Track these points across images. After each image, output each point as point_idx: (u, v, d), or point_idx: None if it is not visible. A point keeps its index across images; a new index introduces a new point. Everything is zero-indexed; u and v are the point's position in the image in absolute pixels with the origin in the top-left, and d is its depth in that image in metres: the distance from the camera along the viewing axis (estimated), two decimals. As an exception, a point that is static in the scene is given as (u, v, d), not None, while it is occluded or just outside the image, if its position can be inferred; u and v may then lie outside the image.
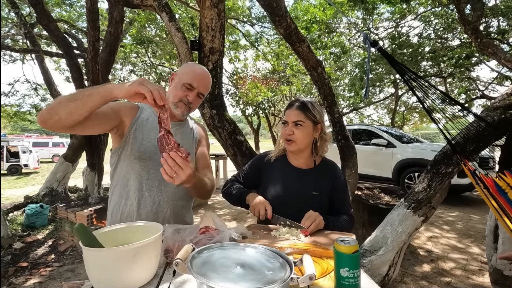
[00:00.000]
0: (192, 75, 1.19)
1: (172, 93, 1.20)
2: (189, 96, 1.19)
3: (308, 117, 1.23)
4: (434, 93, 1.58)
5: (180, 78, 1.20)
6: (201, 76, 1.20)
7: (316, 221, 1.08)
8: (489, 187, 1.29)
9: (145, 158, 1.16)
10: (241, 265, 0.67)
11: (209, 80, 1.24)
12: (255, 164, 1.40)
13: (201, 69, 1.23)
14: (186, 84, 1.18)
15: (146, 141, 1.17)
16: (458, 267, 2.97)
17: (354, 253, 0.69)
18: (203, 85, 1.21)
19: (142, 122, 1.19)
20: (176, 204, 1.23)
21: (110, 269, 0.70)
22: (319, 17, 7.12)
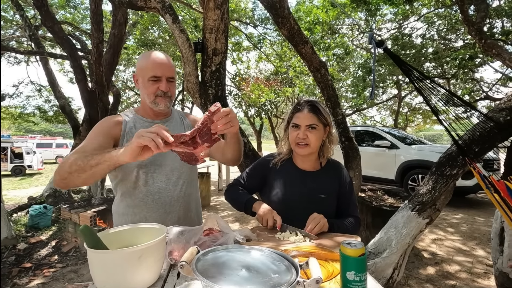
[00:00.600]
0: (151, 66, 1.14)
1: (145, 93, 1.17)
2: (161, 87, 1.15)
3: (321, 120, 1.21)
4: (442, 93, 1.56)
5: (143, 76, 1.16)
6: (159, 62, 1.15)
7: (320, 223, 1.07)
8: (501, 190, 1.26)
9: (146, 164, 1.16)
10: (247, 267, 0.66)
11: (169, 62, 1.18)
12: (259, 168, 1.37)
13: (156, 56, 1.17)
14: (151, 78, 1.14)
15: None
16: (463, 270, 2.94)
17: (361, 256, 0.68)
18: (166, 70, 1.16)
19: (131, 131, 1.17)
20: (186, 200, 1.25)
21: (115, 271, 0.70)
22: (322, 19, 7.12)
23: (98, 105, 4.25)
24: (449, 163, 2.00)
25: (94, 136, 1.10)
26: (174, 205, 1.21)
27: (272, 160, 1.34)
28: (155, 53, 1.19)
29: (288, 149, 1.33)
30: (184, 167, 1.25)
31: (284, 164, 1.32)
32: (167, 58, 1.19)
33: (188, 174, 1.27)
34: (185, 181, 1.26)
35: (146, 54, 1.20)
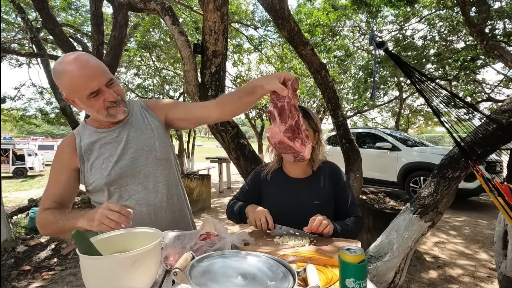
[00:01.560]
0: (80, 83, 0.94)
1: (93, 112, 1.02)
2: (106, 97, 0.99)
3: (311, 125, 1.21)
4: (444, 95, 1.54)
5: (78, 97, 0.97)
6: (87, 74, 0.94)
7: (324, 221, 1.03)
8: (505, 194, 1.24)
9: (114, 179, 1.06)
10: (243, 274, 0.64)
11: (94, 65, 0.97)
12: (252, 182, 1.35)
13: (77, 67, 0.93)
14: (90, 95, 0.96)
15: (105, 163, 1.06)
16: (466, 273, 2.90)
17: (361, 263, 0.66)
18: (99, 76, 0.97)
19: (90, 148, 1.07)
20: (170, 203, 1.15)
21: (108, 277, 0.68)
22: (323, 21, 7.11)
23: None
24: (451, 166, 1.97)
25: (57, 175, 1.06)
26: (159, 213, 1.11)
27: (262, 172, 1.32)
28: (71, 63, 0.94)
29: (277, 158, 1.31)
30: (159, 169, 1.13)
31: (274, 174, 1.30)
32: (88, 60, 0.97)
33: (166, 176, 1.15)
34: (165, 184, 1.14)
35: (62, 69, 0.94)
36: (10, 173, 13.44)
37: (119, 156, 1.07)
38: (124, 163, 1.07)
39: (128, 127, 1.12)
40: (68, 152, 1.07)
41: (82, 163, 1.07)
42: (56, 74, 0.97)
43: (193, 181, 5.67)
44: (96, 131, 1.10)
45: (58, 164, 1.08)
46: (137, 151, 1.10)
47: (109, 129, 1.10)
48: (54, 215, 1.00)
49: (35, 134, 32.90)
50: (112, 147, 1.08)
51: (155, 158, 1.13)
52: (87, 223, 0.88)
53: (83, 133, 1.10)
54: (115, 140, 1.09)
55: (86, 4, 7.82)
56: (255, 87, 0.96)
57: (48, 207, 1.05)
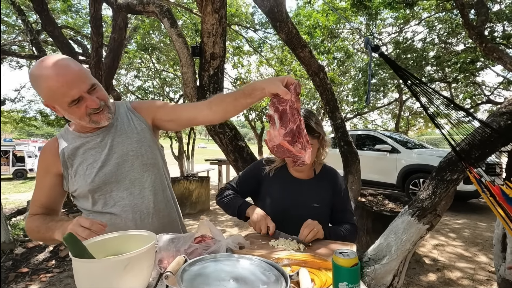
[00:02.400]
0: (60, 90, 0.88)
1: (76, 119, 0.97)
2: (89, 104, 0.94)
3: (315, 137, 1.19)
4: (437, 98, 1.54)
5: (59, 104, 0.92)
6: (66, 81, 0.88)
7: (314, 230, 1.05)
8: (496, 195, 1.24)
9: (99, 185, 1.03)
10: (235, 278, 0.64)
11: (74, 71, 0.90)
12: (252, 173, 1.34)
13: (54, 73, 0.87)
14: (71, 103, 0.91)
15: (88, 169, 1.03)
16: (465, 276, 2.89)
17: (354, 267, 0.65)
18: (79, 83, 0.90)
19: (73, 154, 1.03)
20: (157, 209, 1.12)
21: (100, 280, 0.68)
22: (322, 23, 7.13)
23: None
24: (449, 168, 1.97)
25: (41, 179, 1.05)
26: (145, 219, 1.08)
27: (265, 168, 1.31)
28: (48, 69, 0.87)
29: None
30: (145, 175, 1.10)
31: (277, 172, 1.30)
32: (67, 66, 0.90)
33: (153, 181, 1.11)
34: (152, 189, 1.11)
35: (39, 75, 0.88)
36: (10, 174, 13.44)
37: (103, 162, 1.04)
38: (108, 169, 1.04)
39: (112, 131, 1.08)
40: (50, 157, 1.04)
41: (65, 169, 1.03)
42: (33, 78, 0.90)
43: (193, 183, 5.66)
44: (79, 135, 1.05)
45: (41, 169, 1.05)
46: (122, 156, 1.06)
47: (93, 133, 1.06)
48: (37, 223, 1.01)
49: (35, 135, 32.93)
50: (96, 153, 1.05)
51: (141, 163, 1.09)
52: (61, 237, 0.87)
53: (66, 137, 1.06)
54: (99, 145, 1.05)
55: (86, 7, 7.86)
56: (254, 90, 0.94)
57: (35, 213, 1.04)
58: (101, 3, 3.42)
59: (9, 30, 7.69)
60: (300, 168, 1.24)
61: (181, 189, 5.52)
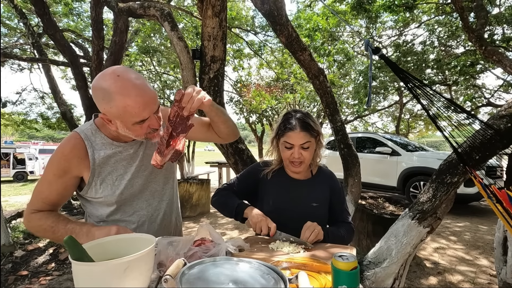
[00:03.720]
0: (134, 111, 0.87)
1: (131, 134, 0.95)
2: (151, 124, 0.94)
3: (313, 135, 1.19)
4: (439, 100, 1.55)
5: (123, 120, 0.89)
6: (142, 102, 0.87)
7: (315, 231, 1.05)
8: (503, 200, 1.23)
9: (126, 197, 1.04)
10: (234, 281, 0.64)
11: (150, 92, 0.90)
12: (250, 176, 1.35)
13: (134, 94, 0.85)
14: (137, 122, 0.90)
15: (118, 180, 1.03)
16: (466, 280, 2.88)
17: (353, 270, 0.65)
18: (152, 105, 0.90)
19: (104, 162, 1.01)
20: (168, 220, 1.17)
21: (99, 284, 0.68)
22: (322, 26, 7.16)
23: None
24: (450, 171, 1.96)
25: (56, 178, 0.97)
26: (158, 230, 1.12)
27: (263, 170, 1.32)
28: (129, 86, 0.86)
29: (278, 159, 1.31)
30: (165, 187, 1.14)
31: (275, 174, 1.30)
32: (145, 86, 0.89)
33: (170, 193, 1.17)
34: (168, 202, 1.16)
35: (117, 89, 0.84)
36: (11, 177, 13.45)
37: (133, 174, 1.05)
38: (137, 182, 1.06)
39: (144, 143, 1.09)
40: (75, 159, 0.97)
41: (92, 176, 0.99)
42: (105, 93, 0.85)
43: (193, 185, 5.66)
44: (111, 143, 1.02)
45: (59, 169, 0.97)
46: (148, 168, 1.09)
47: (126, 143, 1.05)
48: (49, 222, 0.96)
49: (36, 138, 32.98)
50: (127, 164, 1.05)
51: (164, 176, 1.14)
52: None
53: (94, 140, 1.00)
54: (131, 156, 1.05)
55: (87, 10, 7.90)
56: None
57: (39, 209, 0.99)
58: (102, 7, 3.44)
59: (10, 33, 7.73)
60: (296, 169, 1.24)
61: (181, 192, 5.52)
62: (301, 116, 1.20)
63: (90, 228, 0.93)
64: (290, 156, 1.19)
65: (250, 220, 1.15)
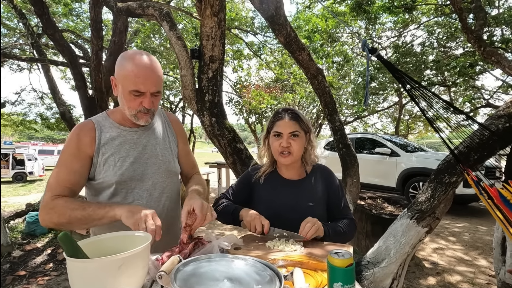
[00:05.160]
0: (134, 77, 0.98)
1: (125, 104, 1.04)
2: (144, 103, 1.02)
3: (302, 127, 1.20)
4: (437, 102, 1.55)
5: (124, 85, 1.01)
6: (144, 75, 0.99)
7: (315, 226, 1.03)
8: (493, 197, 1.24)
9: (125, 180, 1.06)
10: (229, 278, 0.64)
11: (156, 73, 1.02)
12: (244, 182, 1.34)
13: (142, 65, 0.99)
14: (133, 92, 1.00)
15: (120, 161, 1.06)
16: (465, 280, 2.87)
17: (348, 267, 0.65)
18: (152, 84, 1.01)
19: (108, 143, 1.06)
20: (168, 215, 1.17)
21: (94, 280, 0.68)
22: (321, 27, 7.17)
23: (98, 112, 4.26)
24: (448, 171, 1.97)
25: (72, 159, 1.02)
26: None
27: (254, 175, 1.31)
28: (141, 59, 1.00)
29: (270, 161, 1.30)
30: (167, 181, 1.17)
31: (268, 176, 1.29)
32: (154, 68, 1.02)
33: (171, 188, 1.20)
34: (168, 196, 1.18)
35: (130, 57, 1.00)
36: (10, 177, 13.43)
37: (135, 158, 1.09)
38: (138, 166, 1.09)
39: (149, 132, 1.15)
40: (87, 138, 1.04)
41: (96, 156, 1.04)
42: (121, 59, 1.02)
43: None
44: (118, 127, 1.10)
45: (74, 148, 1.02)
46: (152, 157, 1.13)
47: (132, 129, 1.12)
48: (77, 202, 0.97)
49: (35, 139, 32.95)
50: (130, 148, 1.09)
51: (166, 169, 1.16)
52: (127, 214, 0.89)
53: (103, 124, 1.09)
54: (135, 142, 1.11)
55: (87, 10, 7.90)
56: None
57: (62, 194, 0.99)
58: (101, 7, 3.44)
59: (10, 33, 7.73)
60: (292, 166, 1.25)
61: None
62: (291, 108, 1.23)
63: (117, 205, 0.96)
64: (279, 146, 1.19)
65: (244, 219, 1.15)
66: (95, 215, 0.93)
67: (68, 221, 0.95)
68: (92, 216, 0.93)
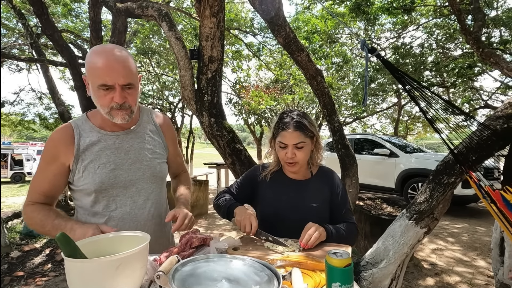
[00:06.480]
0: (98, 71, 0.91)
1: (97, 102, 0.97)
2: (115, 98, 0.94)
3: (307, 135, 1.17)
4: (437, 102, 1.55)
5: (92, 81, 0.94)
6: (108, 66, 0.91)
7: (315, 235, 1.00)
8: (496, 201, 1.23)
9: (106, 187, 1.01)
10: (227, 278, 0.64)
11: (122, 64, 0.93)
12: (248, 180, 1.34)
13: (105, 56, 0.92)
14: (100, 87, 0.92)
15: (100, 168, 1.01)
16: (463, 281, 2.88)
17: (347, 267, 0.65)
18: (118, 75, 0.92)
19: (87, 149, 1.01)
20: (154, 222, 1.13)
21: (92, 281, 0.68)
22: (320, 28, 7.18)
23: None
24: (446, 171, 1.97)
25: (46, 166, 1.00)
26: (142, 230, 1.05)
27: (260, 174, 1.31)
28: (107, 49, 0.94)
29: (276, 161, 1.30)
30: (152, 186, 1.11)
31: (274, 175, 1.29)
32: (122, 58, 0.94)
33: (157, 194, 1.13)
34: (154, 202, 1.12)
35: (95, 51, 0.94)
36: (8, 178, 13.39)
37: (116, 165, 1.03)
38: (120, 173, 1.03)
39: (132, 136, 1.08)
40: (62, 145, 0.99)
41: (75, 162, 0.99)
42: (90, 53, 0.95)
43: (191, 186, 5.64)
44: (98, 131, 1.03)
45: (49, 156, 0.99)
46: (135, 163, 1.07)
47: (113, 133, 1.05)
48: (40, 216, 0.97)
49: (34, 139, 32.87)
50: (111, 153, 1.03)
51: (152, 175, 1.10)
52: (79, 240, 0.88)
53: (82, 128, 1.02)
54: (117, 147, 1.04)
55: (86, 11, 7.90)
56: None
57: (35, 201, 1.00)
58: (100, 7, 3.44)
59: (9, 34, 7.72)
60: (292, 169, 1.24)
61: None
62: (296, 116, 1.18)
63: (73, 224, 0.94)
64: (285, 156, 1.18)
65: (236, 217, 1.14)
66: (53, 234, 0.93)
67: (38, 231, 1.00)
68: (51, 234, 0.95)
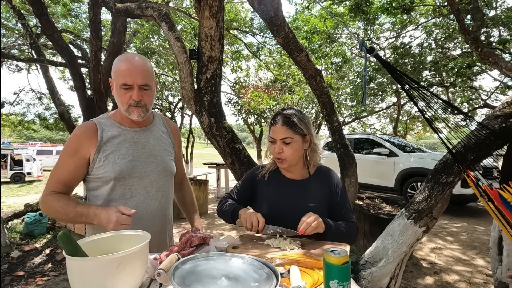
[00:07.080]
0: (122, 72, 1.07)
1: (118, 100, 1.12)
2: (133, 96, 1.09)
3: (296, 132, 1.17)
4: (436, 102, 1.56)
5: (115, 82, 1.10)
6: (129, 69, 1.07)
7: (315, 223, 1.01)
8: (494, 199, 1.23)
9: (124, 176, 1.12)
10: (227, 276, 0.65)
11: (141, 68, 1.09)
12: (248, 181, 1.35)
13: (129, 61, 1.09)
14: (122, 86, 1.08)
15: (119, 158, 1.12)
16: (462, 279, 2.89)
17: (344, 265, 0.66)
18: (137, 77, 1.08)
19: (109, 141, 1.12)
20: (163, 213, 1.23)
21: (93, 279, 0.68)
22: (320, 28, 7.19)
23: (96, 112, 4.27)
24: (445, 171, 1.98)
25: (67, 158, 1.10)
26: (152, 220, 1.17)
27: (259, 173, 1.31)
28: (129, 57, 1.12)
29: (273, 159, 1.30)
30: (163, 179, 1.23)
31: (272, 174, 1.30)
32: (141, 63, 1.10)
33: (166, 187, 1.25)
34: (164, 194, 1.23)
35: (121, 57, 1.12)
36: (8, 178, 13.39)
37: (134, 157, 1.15)
38: (136, 164, 1.15)
39: (148, 133, 1.22)
40: (86, 139, 1.10)
41: (97, 152, 1.10)
42: (116, 59, 1.12)
43: (191, 186, 5.65)
44: (119, 126, 1.17)
45: (71, 148, 1.10)
46: (150, 157, 1.19)
47: (132, 129, 1.18)
48: (61, 204, 1.05)
49: (34, 139, 32.84)
50: (129, 146, 1.15)
51: (163, 169, 1.23)
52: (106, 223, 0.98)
53: (105, 124, 1.16)
54: (135, 141, 1.17)
55: (86, 11, 7.90)
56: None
57: (55, 190, 1.09)
58: (100, 7, 3.45)
59: (9, 34, 7.72)
60: (295, 167, 1.26)
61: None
62: (288, 113, 1.19)
63: (95, 209, 1.02)
64: (273, 151, 1.20)
65: (241, 216, 1.15)
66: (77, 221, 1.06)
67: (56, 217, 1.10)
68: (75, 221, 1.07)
